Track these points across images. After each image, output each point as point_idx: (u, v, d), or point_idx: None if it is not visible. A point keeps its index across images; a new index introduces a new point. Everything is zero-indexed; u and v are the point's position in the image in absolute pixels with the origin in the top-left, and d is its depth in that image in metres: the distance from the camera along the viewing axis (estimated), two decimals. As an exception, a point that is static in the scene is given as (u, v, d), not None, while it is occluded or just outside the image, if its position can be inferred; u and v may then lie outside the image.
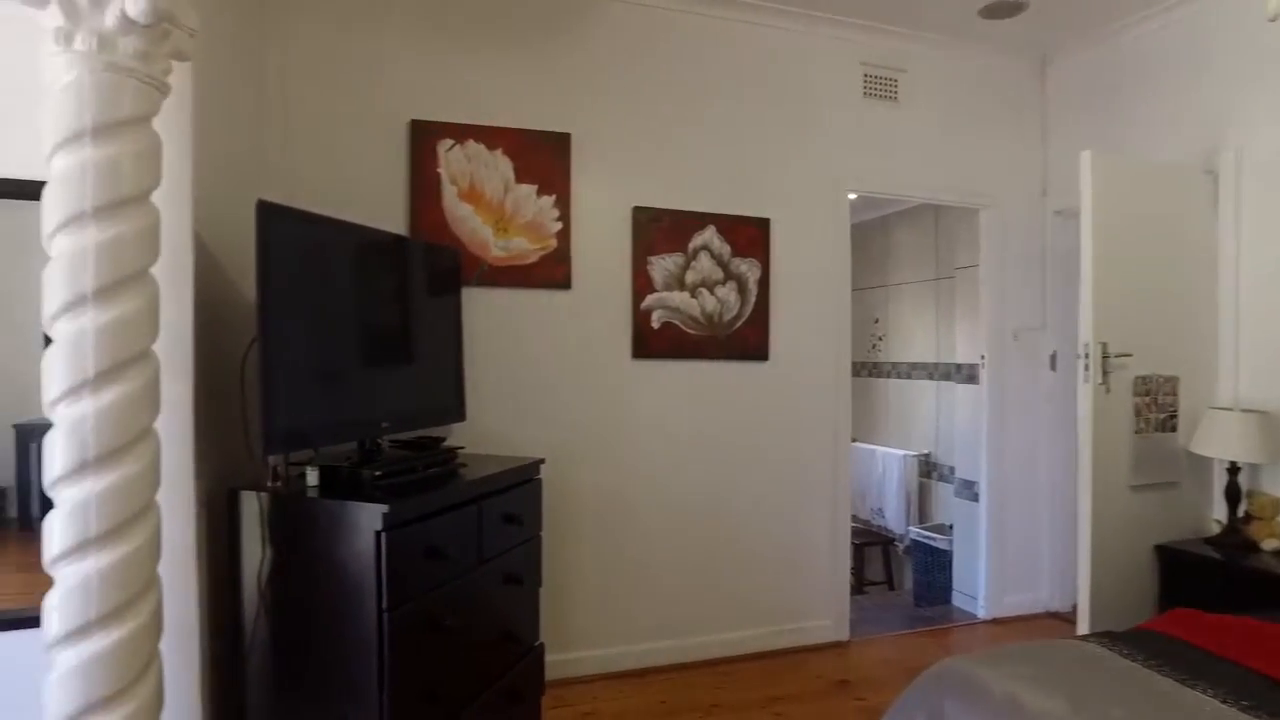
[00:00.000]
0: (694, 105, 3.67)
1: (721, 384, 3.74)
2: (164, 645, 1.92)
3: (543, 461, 2.94)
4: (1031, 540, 4.40)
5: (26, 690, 1.82)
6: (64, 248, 1.74)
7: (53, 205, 1.75)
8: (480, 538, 2.49)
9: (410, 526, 2.13)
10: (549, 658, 3.05)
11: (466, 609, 2.43)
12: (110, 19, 1.77)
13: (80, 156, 1.75)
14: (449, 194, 3.20)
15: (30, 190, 1.95)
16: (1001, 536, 4.37)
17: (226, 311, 2.43)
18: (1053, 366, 4.38)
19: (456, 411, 3.03)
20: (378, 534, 2.03)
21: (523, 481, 2.80)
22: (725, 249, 3.70)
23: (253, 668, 2.23)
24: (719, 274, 3.69)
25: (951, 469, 5.27)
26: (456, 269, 3.08)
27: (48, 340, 1.76)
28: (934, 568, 5.09)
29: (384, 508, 2.03)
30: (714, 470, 3.72)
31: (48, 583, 1.78)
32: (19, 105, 2.05)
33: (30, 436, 2.36)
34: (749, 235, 3.75)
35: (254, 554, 2.20)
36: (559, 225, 3.35)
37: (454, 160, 3.20)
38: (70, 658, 1.76)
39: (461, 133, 3.22)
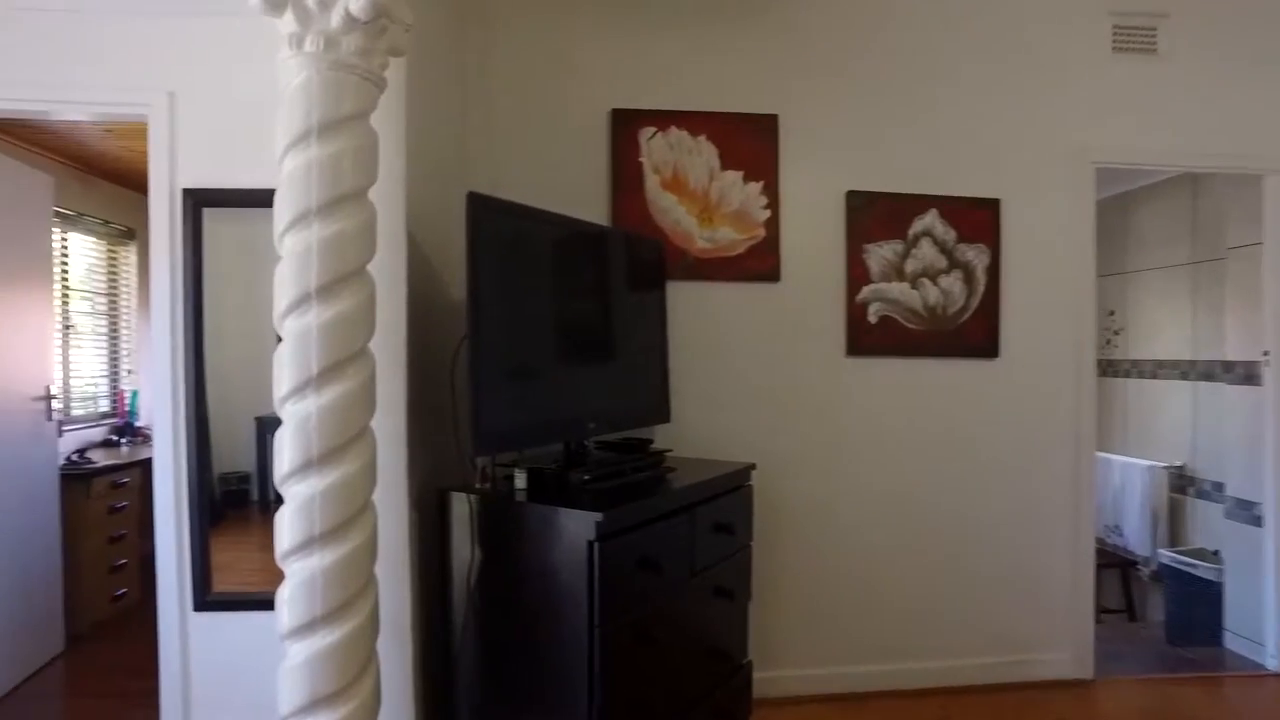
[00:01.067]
0: (912, 77, 3.31)
1: (945, 383, 3.35)
2: (380, 645, 1.90)
3: (754, 467, 2.73)
4: (1339, 577, 3.63)
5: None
6: (292, 247, 1.75)
7: (283, 205, 1.77)
8: (692, 548, 2.32)
9: (623, 536, 1.99)
10: (756, 675, 2.85)
11: (676, 624, 2.28)
12: (336, 19, 1.76)
13: (307, 155, 1.75)
14: (651, 184, 3.06)
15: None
16: (1298, 571, 3.63)
17: (435, 309, 2.43)
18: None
19: (661, 412, 2.89)
20: (590, 543, 1.91)
21: (734, 488, 2.61)
22: (949, 234, 3.31)
23: (462, 671, 2.20)
24: (942, 262, 3.31)
25: (1218, 485, 4.49)
26: (661, 262, 2.94)
27: (280, 342, 1.79)
28: (1195, 601, 4.35)
29: (598, 516, 1.90)
30: (936, 480, 3.34)
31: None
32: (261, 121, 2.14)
33: (268, 428, 2.51)
34: (976, 218, 3.33)
35: (463, 556, 2.16)
36: (767, 213, 3.13)
37: (656, 148, 3.06)
38: (299, 651, 1.78)
39: (663, 120, 3.07)
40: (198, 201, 2.57)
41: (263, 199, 2.58)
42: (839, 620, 3.27)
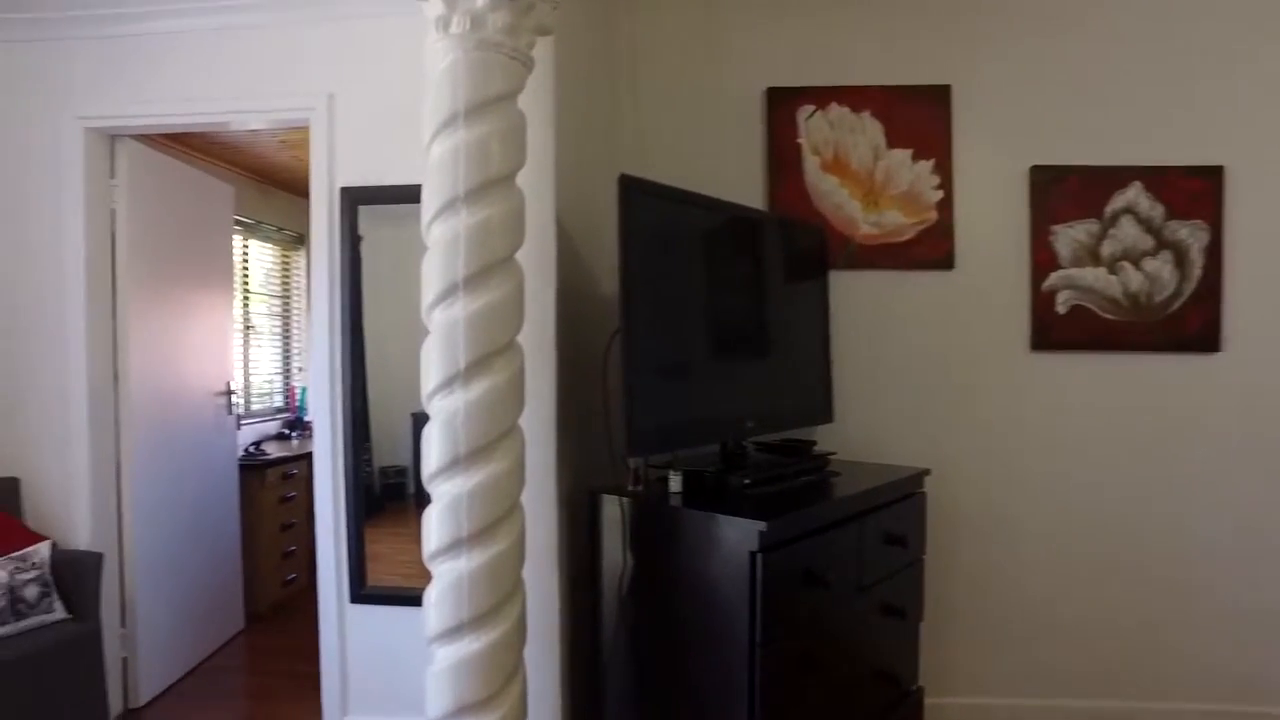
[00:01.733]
0: (1107, 30, 2.89)
1: (1151, 381, 2.91)
2: (527, 653, 1.81)
3: (927, 473, 2.46)
4: None
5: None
6: (439, 236, 1.69)
7: (430, 193, 1.71)
8: (860, 561, 2.10)
9: (788, 547, 1.80)
10: (927, 701, 2.57)
11: (842, 644, 2.06)
12: (482, -1, 1.69)
13: (454, 140, 1.68)
14: (810, 166, 2.84)
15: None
16: None
17: (584, 300, 2.33)
18: None
19: (823, 411, 2.67)
20: (753, 555, 1.73)
21: (905, 496, 2.36)
22: (1156, 210, 2.87)
23: (611, 685, 2.08)
24: (1148, 242, 2.87)
25: None
26: (822, 249, 2.72)
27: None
28: None
29: (761, 524, 1.72)
30: (1141, 492, 2.91)
31: None
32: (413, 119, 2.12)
33: (422, 424, 2.61)
34: (1191, 190, 2.87)
35: (614, 562, 2.04)
36: (939, 194, 2.82)
37: (815, 128, 2.84)
38: (446, 656, 1.71)
39: (823, 97, 2.84)
40: (354, 199, 2.61)
41: (415, 195, 2.62)
42: (1023, 646, 2.91)
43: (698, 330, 2.17)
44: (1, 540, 2.64)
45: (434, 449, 1.67)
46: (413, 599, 2.58)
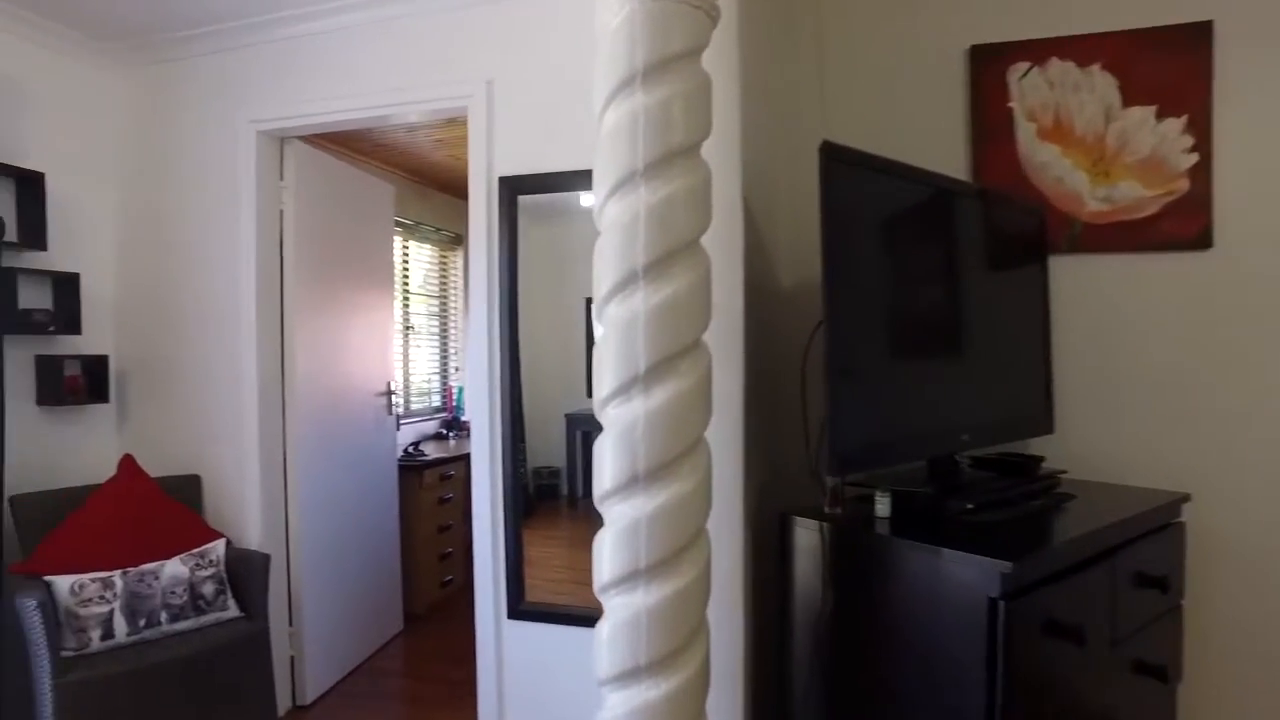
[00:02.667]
0: None
1: None
2: (709, 702, 1.56)
3: (1187, 498, 2.02)
4: None
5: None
6: (615, 217, 1.46)
7: (604, 169, 1.48)
8: (1113, 608, 1.70)
9: (1035, 592, 1.45)
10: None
11: (1092, 713, 1.67)
12: (659, -61, 1.45)
13: (631, 105, 1.44)
14: (1024, 134, 2.42)
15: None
16: None
17: (761, 291, 2.05)
18: None
19: (1042, 421, 2.26)
20: (993, 601, 1.40)
21: (1160, 526, 1.93)
22: None
23: (806, 739, 1.79)
24: None
25: None
26: (1041, 231, 2.31)
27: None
28: None
29: (1004, 565, 1.39)
30: None
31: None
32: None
33: (576, 424, 2.65)
34: None
35: (809, 599, 1.75)
36: (1191, 158, 2.33)
37: (1031, 89, 2.42)
38: (619, 702, 1.48)
39: (1041, 51, 2.41)
40: (514, 189, 2.46)
41: (577, 182, 2.46)
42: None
43: (908, 326, 1.84)
44: (184, 536, 2.69)
45: (608, 465, 1.45)
46: (572, 618, 2.43)
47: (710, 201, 1.51)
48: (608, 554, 1.47)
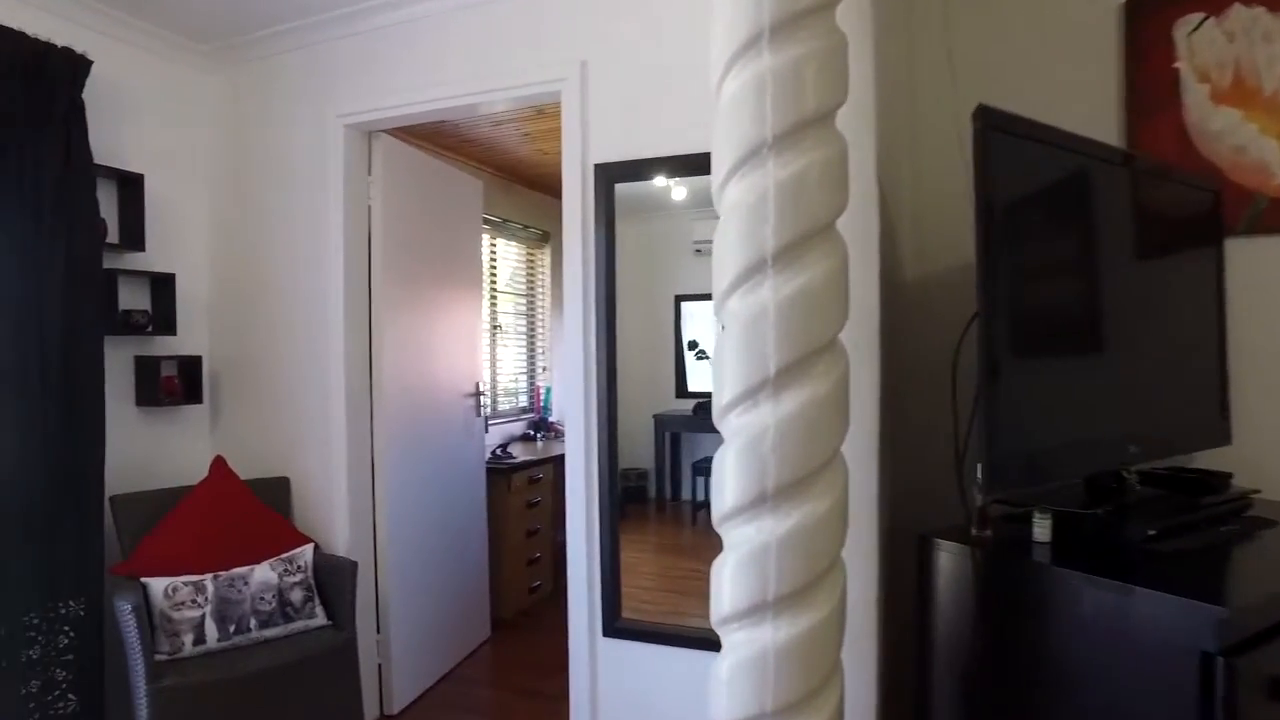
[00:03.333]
0: None
1: None
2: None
3: None
4: None
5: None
6: (737, 197, 1.27)
7: (725, 142, 1.29)
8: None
9: (1262, 647, 1.19)
10: None
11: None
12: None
13: (757, 68, 1.25)
14: (1194, 97, 2.11)
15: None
16: None
17: (894, 284, 1.82)
18: None
19: (1217, 430, 1.95)
20: (1207, 658, 1.14)
21: (1384, 562, 1.61)
22: None
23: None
24: None
25: None
26: (1215, 211, 1.99)
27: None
28: None
29: (1220, 611, 1.13)
30: None
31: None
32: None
33: (664, 426, 2.67)
34: None
35: (954, 636, 1.52)
36: (1405, 121, 1.98)
37: (1203, 45, 2.10)
38: (740, 752, 1.30)
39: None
40: (610, 177, 2.30)
41: (677, 167, 2.28)
42: None
43: (1071, 322, 1.59)
44: (272, 540, 2.63)
45: (731, 481, 1.26)
46: (674, 638, 2.25)
47: (847, 178, 1.30)
48: (729, 583, 1.28)
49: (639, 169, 2.26)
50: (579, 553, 2.38)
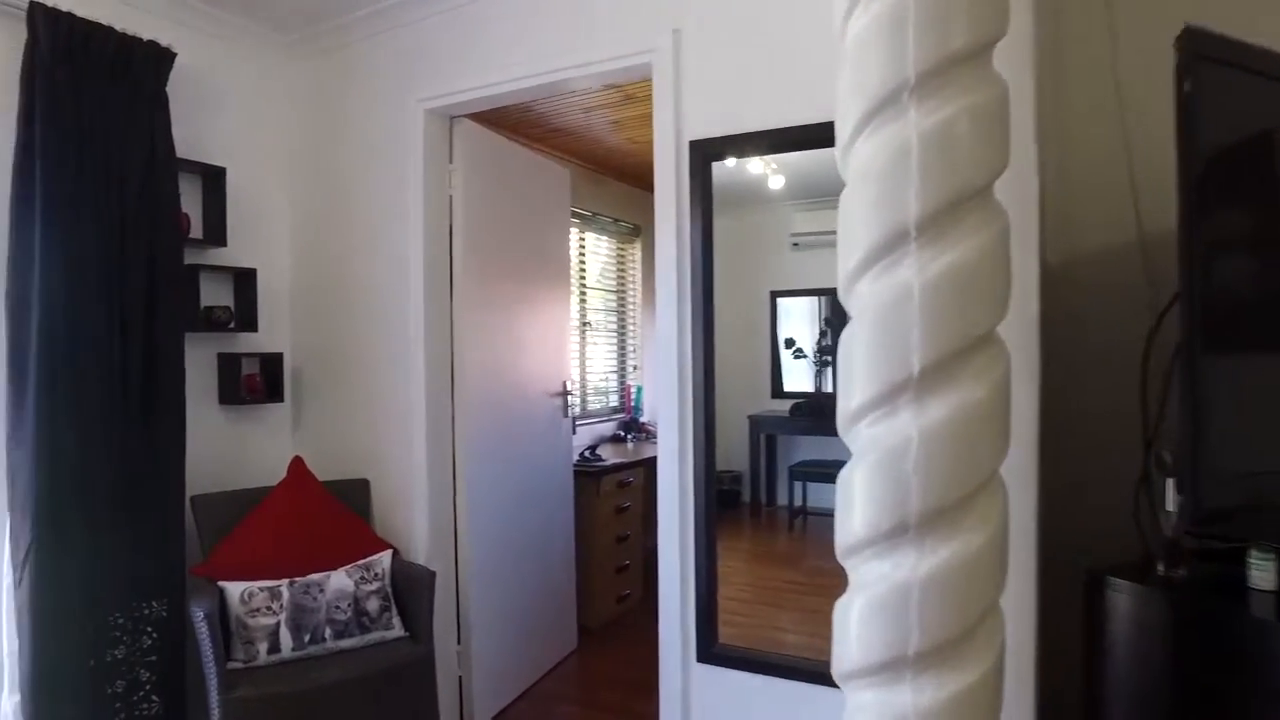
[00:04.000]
0: None
1: None
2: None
3: None
4: None
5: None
6: (868, 158, 1.02)
7: (854, 89, 1.05)
8: None
9: None
10: None
11: None
12: None
13: (893, -6, 1.01)
14: None
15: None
16: None
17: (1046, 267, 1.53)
18: None
19: None
20: None
21: None
22: None
23: None
24: None
25: None
26: None
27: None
28: None
29: None
30: None
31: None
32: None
33: (760, 427, 2.53)
34: None
35: (1134, 698, 1.23)
36: None
37: None
38: (869, 833, 1.05)
39: None
40: (706, 155, 2.08)
41: (779, 142, 2.05)
42: None
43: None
44: (350, 545, 2.53)
45: (861, 505, 1.02)
46: (778, 668, 2.02)
47: (1008, 131, 1.04)
48: (857, 629, 1.04)
49: (738, 145, 2.03)
50: (671, 566, 2.18)
